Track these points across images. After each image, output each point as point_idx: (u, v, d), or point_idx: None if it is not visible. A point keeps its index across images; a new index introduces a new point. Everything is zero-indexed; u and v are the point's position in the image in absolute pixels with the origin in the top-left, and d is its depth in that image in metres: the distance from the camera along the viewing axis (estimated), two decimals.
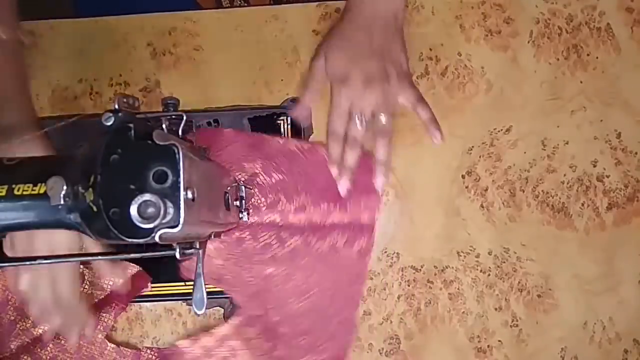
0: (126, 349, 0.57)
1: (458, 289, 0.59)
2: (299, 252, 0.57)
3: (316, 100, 0.56)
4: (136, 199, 0.31)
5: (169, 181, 0.33)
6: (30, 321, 0.55)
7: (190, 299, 0.58)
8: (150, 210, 0.31)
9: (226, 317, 0.58)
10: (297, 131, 0.60)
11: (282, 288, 0.57)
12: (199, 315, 0.58)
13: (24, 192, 0.36)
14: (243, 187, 0.53)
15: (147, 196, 0.31)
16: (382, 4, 0.54)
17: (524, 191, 0.60)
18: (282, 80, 0.61)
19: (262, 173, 0.58)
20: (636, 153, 0.60)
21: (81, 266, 0.55)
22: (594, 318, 0.59)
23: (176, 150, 0.33)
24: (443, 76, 0.61)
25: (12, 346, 0.54)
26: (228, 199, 0.46)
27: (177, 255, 0.37)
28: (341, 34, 0.55)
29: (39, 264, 0.45)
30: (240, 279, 0.57)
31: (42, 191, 0.36)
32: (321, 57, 0.55)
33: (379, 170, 0.55)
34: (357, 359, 0.59)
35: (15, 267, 0.49)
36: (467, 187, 0.60)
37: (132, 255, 0.44)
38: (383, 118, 0.54)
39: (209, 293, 0.58)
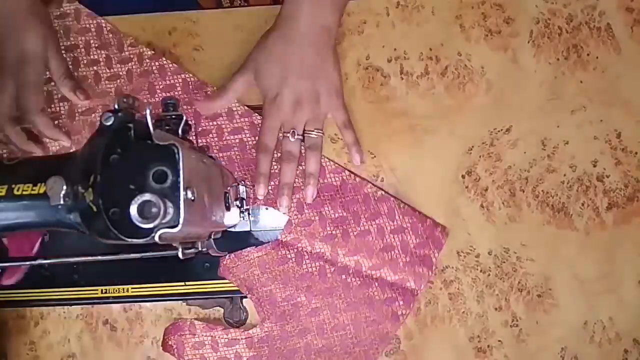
0: None
1: (458, 289, 0.59)
2: (337, 291, 0.57)
3: (228, 104, 0.58)
4: (136, 199, 0.31)
5: (169, 181, 0.33)
6: None
7: (191, 299, 0.58)
8: (150, 210, 0.31)
9: (226, 318, 0.58)
10: None
11: (308, 320, 0.57)
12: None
13: (24, 192, 0.36)
14: (243, 187, 0.53)
15: (147, 196, 0.31)
16: (315, 20, 0.54)
17: (524, 191, 0.60)
18: None
19: (329, 203, 0.58)
20: (636, 153, 0.60)
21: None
22: (594, 318, 0.59)
23: (176, 150, 0.33)
24: (443, 76, 0.61)
25: None
26: (228, 199, 0.46)
27: (180, 255, 0.37)
28: (273, 49, 0.55)
29: (39, 263, 0.45)
30: (271, 296, 0.57)
31: (42, 191, 0.36)
32: (249, 72, 0.56)
33: (309, 181, 0.56)
34: None
35: None
36: (467, 187, 0.60)
37: (132, 255, 0.44)
38: (314, 134, 0.55)
39: (210, 293, 0.58)
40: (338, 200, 0.58)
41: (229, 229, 0.54)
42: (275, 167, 0.58)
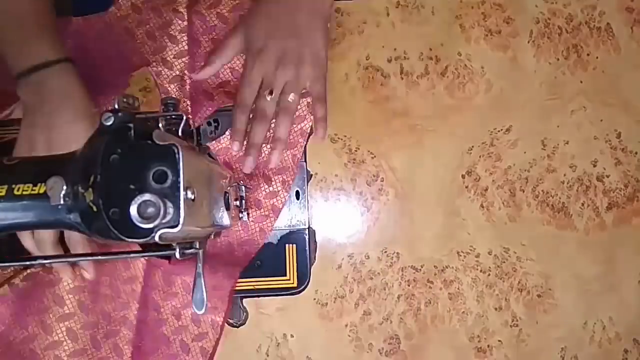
0: None
1: (458, 288, 0.59)
2: None
3: (217, 70, 0.56)
4: (136, 199, 0.31)
5: (169, 181, 0.33)
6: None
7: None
8: (150, 210, 0.31)
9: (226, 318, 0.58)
10: None
11: None
12: (199, 314, 0.57)
13: (24, 192, 0.36)
14: (243, 187, 0.53)
15: (147, 196, 0.31)
16: None
17: (524, 191, 0.60)
18: None
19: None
20: (636, 153, 0.60)
21: None
22: (594, 318, 0.59)
23: (176, 150, 0.33)
24: (443, 76, 0.61)
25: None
26: (228, 199, 0.46)
27: (177, 255, 0.37)
28: (264, 10, 0.54)
29: (39, 264, 0.45)
30: None
31: (42, 191, 0.36)
32: (239, 35, 0.54)
33: (275, 146, 0.54)
34: (357, 359, 0.59)
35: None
36: (467, 187, 0.60)
37: (132, 255, 0.44)
38: (291, 97, 0.53)
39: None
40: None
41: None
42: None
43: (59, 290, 0.53)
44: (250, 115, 0.54)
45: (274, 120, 0.53)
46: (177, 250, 0.37)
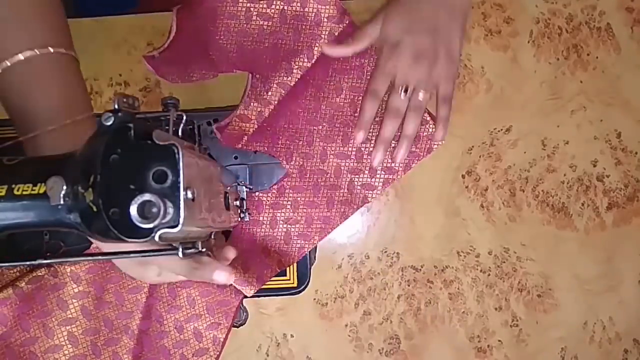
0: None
1: (458, 288, 0.59)
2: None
3: (350, 54, 0.56)
4: (136, 199, 0.31)
5: (169, 181, 0.33)
6: None
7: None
8: (150, 210, 0.31)
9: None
10: None
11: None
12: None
13: (24, 192, 0.36)
14: (243, 187, 0.53)
15: (146, 196, 0.31)
16: None
17: (524, 191, 0.60)
18: None
19: None
20: (636, 153, 0.60)
21: None
22: (594, 318, 0.59)
23: (176, 150, 0.33)
24: None
25: None
26: (228, 199, 0.46)
27: (180, 255, 0.37)
28: (406, 2, 0.54)
29: (39, 264, 0.45)
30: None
31: (41, 191, 0.36)
32: (378, 22, 0.54)
33: (402, 143, 0.55)
34: (357, 359, 0.59)
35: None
36: (467, 187, 0.60)
37: (132, 256, 0.44)
38: (421, 95, 0.53)
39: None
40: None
41: (229, 229, 0.53)
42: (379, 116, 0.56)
43: (63, 295, 0.53)
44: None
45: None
46: (180, 250, 0.37)
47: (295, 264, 0.59)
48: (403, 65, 0.53)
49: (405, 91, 0.53)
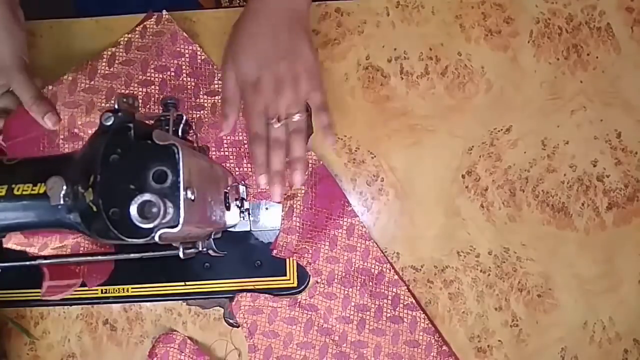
0: None
1: (458, 288, 0.59)
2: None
3: (238, 108, 0.55)
4: (136, 199, 0.31)
5: (169, 181, 0.33)
6: None
7: (191, 299, 0.58)
8: (150, 210, 0.31)
9: (225, 318, 0.58)
10: None
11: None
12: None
13: (24, 192, 0.36)
14: (243, 187, 0.53)
15: (146, 196, 0.31)
16: (283, 3, 0.53)
17: (524, 191, 0.60)
18: None
19: (359, 287, 0.59)
20: (636, 153, 0.60)
21: None
22: (594, 318, 0.59)
23: (176, 150, 0.33)
24: (443, 76, 0.61)
25: None
26: (228, 199, 0.46)
27: (181, 255, 0.37)
28: (246, 34, 0.53)
29: (39, 264, 0.45)
30: (267, 350, 0.58)
31: (41, 191, 0.36)
32: (231, 74, 0.54)
33: (296, 167, 0.54)
34: None
35: None
36: (467, 187, 0.60)
37: (132, 255, 0.44)
38: (296, 117, 0.53)
39: (210, 293, 0.58)
40: (369, 287, 0.58)
41: (229, 229, 0.53)
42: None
43: None
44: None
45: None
46: (181, 249, 0.37)
47: (295, 264, 0.59)
48: (268, 98, 0.53)
49: (279, 120, 0.53)
